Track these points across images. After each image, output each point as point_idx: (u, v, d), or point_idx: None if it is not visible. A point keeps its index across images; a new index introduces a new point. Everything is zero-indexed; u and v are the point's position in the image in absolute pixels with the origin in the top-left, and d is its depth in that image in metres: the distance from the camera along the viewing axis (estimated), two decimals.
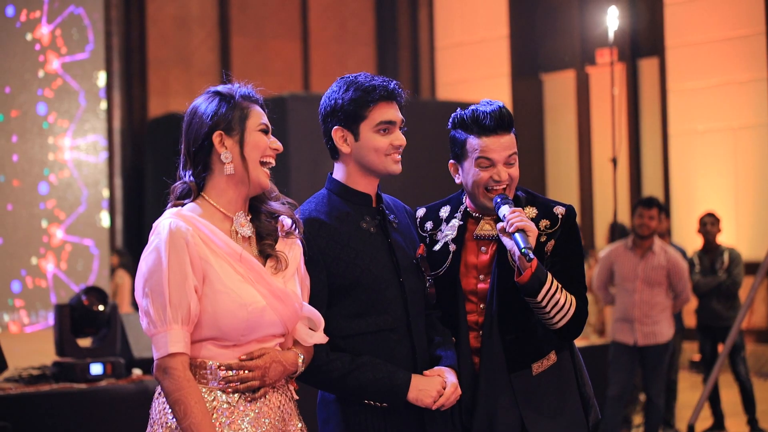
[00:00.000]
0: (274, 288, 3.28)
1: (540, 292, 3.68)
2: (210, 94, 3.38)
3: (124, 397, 6.45)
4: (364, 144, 3.67)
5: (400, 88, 3.74)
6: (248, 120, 3.34)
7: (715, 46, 14.22)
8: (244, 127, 3.33)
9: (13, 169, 13.98)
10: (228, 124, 3.31)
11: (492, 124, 3.87)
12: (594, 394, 4.11)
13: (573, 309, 3.77)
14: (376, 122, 3.66)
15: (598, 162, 15.85)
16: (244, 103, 3.36)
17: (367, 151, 3.68)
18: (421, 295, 3.77)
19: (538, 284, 3.67)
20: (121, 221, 14.82)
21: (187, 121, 3.36)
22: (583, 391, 4.02)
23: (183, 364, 3.18)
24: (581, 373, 4.04)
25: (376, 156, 3.68)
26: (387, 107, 3.69)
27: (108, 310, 6.67)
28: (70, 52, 14.50)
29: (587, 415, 4.00)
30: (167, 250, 3.17)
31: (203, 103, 3.35)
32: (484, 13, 16.85)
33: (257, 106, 3.39)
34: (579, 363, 4.05)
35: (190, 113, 3.37)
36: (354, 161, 3.71)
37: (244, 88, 3.40)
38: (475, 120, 3.88)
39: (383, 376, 3.58)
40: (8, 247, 13.89)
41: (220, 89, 3.38)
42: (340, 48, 17.61)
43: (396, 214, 3.84)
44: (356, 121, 3.66)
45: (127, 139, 15.11)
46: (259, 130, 3.36)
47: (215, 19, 16.33)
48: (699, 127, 14.34)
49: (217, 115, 3.31)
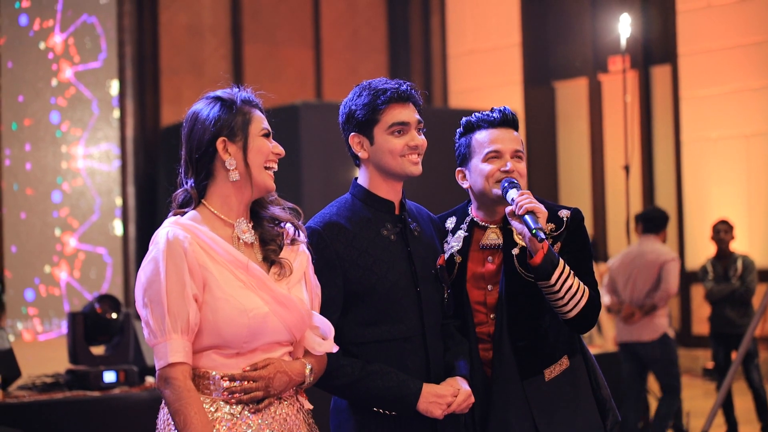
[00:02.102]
0: (278, 294, 3.25)
1: (553, 274, 3.66)
2: (210, 99, 3.36)
3: (137, 405, 6.45)
4: (379, 147, 3.68)
5: (413, 89, 3.73)
6: (251, 125, 3.32)
7: (727, 53, 14.20)
8: (247, 132, 3.31)
9: (27, 178, 14.01)
10: (231, 130, 3.29)
11: (499, 117, 3.92)
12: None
13: (586, 296, 3.75)
14: (389, 124, 3.67)
15: (610, 169, 15.82)
16: (246, 108, 3.34)
17: (383, 153, 3.68)
18: (438, 305, 3.76)
19: (551, 266, 3.66)
20: (134, 229, 14.84)
21: (188, 127, 3.34)
22: (599, 394, 4.00)
23: (183, 374, 3.15)
24: (595, 375, 4.02)
25: (392, 158, 3.68)
26: (400, 108, 3.69)
27: (121, 318, 6.68)
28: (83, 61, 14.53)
29: (604, 418, 3.98)
30: (165, 259, 3.15)
31: (204, 109, 3.33)
32: (496, 20, 16.84)
33: (257, 110, 3.38)
34: (593, 366, 4.03)
35: (191, 119, 3.34)
36: (373, 166, 3.71)
37: (244, 93, 3.38)
38: (482, 117, 3.93)
39: (393, 386, 3.57)
40: (22, 255, 13.92)
41: (220, 94, 3.36)
42: (353, 56, 17.62)
43: (419, 222, 3.83)
44: (370, 126, 3.67)
45: (139, 147, 15.13)
46: (261, 135, 3.34)
47: (228, 28, 16.36)
48: (712, 134, 14.31)
49: (220, 121, 3.29)
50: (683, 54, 14.62)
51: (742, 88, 14.06)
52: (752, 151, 13.93)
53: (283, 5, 16.92)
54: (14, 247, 13.85)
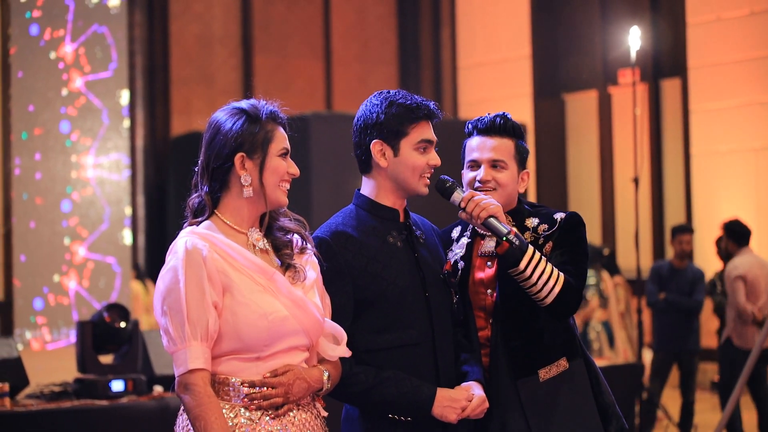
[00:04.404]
0: (296, 297, 3.28)
1: (522, 260, 3.68)
2: (236, 110, 3.36)
3: (145, 414, 6.46)
4: (402, 160, 3.71)
5: (438, 109, 3.78)
6: (271, 144, 3.33)
7: (737, 66, 14.19)
8: (266, 151, 3.32)
9: (36, 187, 14.02)
10: (251, 147, 3.30)
11: (482, 126, 3.96)
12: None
13: (561, 281, 3.76)
14: (417, 140, 3.72)
15: (619, 182, 15.81)
16: (269, 126, 3.35)
17: (405, 167, 3.72)
18: (447, 310, 3.79)
19: (519, 252, 3.68)
20: (143, 239, 14.87)
21: (209, 135, 3.35)
22: (601, 399, 4.00)
23: (203, 380, 3.18)
24: (598, 380, 4.02)
25: (412, 174, 3.72)
26: (426, 126, 3.76)
27: (129, 327, 6.69)
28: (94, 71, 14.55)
29: (607, 424, 3.98)
30: (184, 267, 3.18)
31: (228, 121, 3.34)
32: (506, 33, 16.85)
33: (281, 127, 3.39)
34: (595, 371, 4.03)
35: (214, 128, 3.35)
36: (387, 176, 3.73)
37: (270, 107, 3.38)
38: (474, 123, 4.00)
39: (407, 391, 3.59)
40: (31, 264, 13.92)
41: (245, 107, 3.36)
42: (363, 67, 17.64)
43: (423, 231, 3.86)
44: (398, 137, 3.70)
45: (149, 157, 15.16)
46: (279, 155, 3.36)
47: (238, 39, 16.39)
48: (721, 147, 14.30)
49: (242, 137, 3.30)
50: (693, 67, 14.62)
51: (751, 101, 14.04)
52: (761, 164, 13.91)
53: (293, 17, 16.95)
54: (23, 256, 13.86)
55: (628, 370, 9.13)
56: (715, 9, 14.37)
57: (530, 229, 3.96)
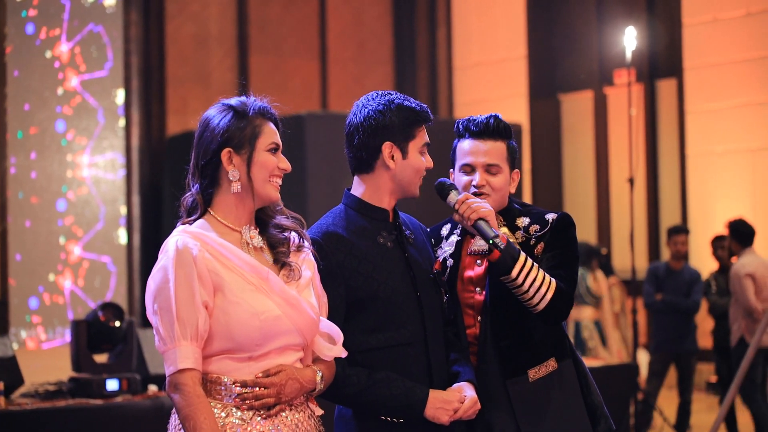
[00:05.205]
0: (289, 296, 3.27)
1: (513, 268, 3.69)
2: (224, 107, 3.36)
3: (140, 413, 6.46)
4: (410, 163, 3.74)
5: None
6: (259, 138, 3.32)
7: (733, 67, 14.19)
8: (254, 146, 3.31)
9: (32, 186, 14.02)
10: (238, 142, 3.30)
11: (477, 128, 3.95)
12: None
13: (553, 288, 3.77)
14: (422, 143, 3.78)
15: (615, 182, 15.82)
16: (257, 121, 3.34)
17: (411, 169, 3.75)
18: (438, 310, 3.79)
19: (510, 259, 3.69)
20: (138, 239, 14.84)
21: (198, 132, 3.36)
22: (589, 400, 4.01)
23: (193, 380, 3.18)
24: (587, 381, 4.03)
25: (415, 176, 3.77)
26: (425, 130, 3.78)
27: (124, 327, 6.69)
28: (89, 70, 14.55)
29: (595, 424, 3.99)
30: (174, 267, 3.18)
31: (216, 117, 3.34)
32: (503, 33, 16.86)
33: (270, 122, 3.37)
34: (584, 371, 4.04)
35: (203, 125, 3.36)
36: (391, 177, 3.74)
37: (259, 103, 3.38)
38: (467, 125, 3.98)
39: (400, 393, 3.59)
40: (26, 263, 13.92)
41: (233, 103, 3.36)
42: (359, 67, 17.64)
43: (412, 230, 3.87)
44: (407, 140, 3.73)
45: (145, 156, 15.14)
46: (268, 150, 3.34)
47: (234, 38, 16.38)
48: (717, 148, 14.31)
49: (228, 132, 3.30)
50: (689, 68, 14.63)
51: (747, 102, 14.05)
52: (758, 165, 13.93)
53: (289, 17, 16.94)
54: (18, 255, 13.85)
55: (622, 370, 9.14)
56: (711, 9, 14.37)
57: (521, 228, 3.97)
